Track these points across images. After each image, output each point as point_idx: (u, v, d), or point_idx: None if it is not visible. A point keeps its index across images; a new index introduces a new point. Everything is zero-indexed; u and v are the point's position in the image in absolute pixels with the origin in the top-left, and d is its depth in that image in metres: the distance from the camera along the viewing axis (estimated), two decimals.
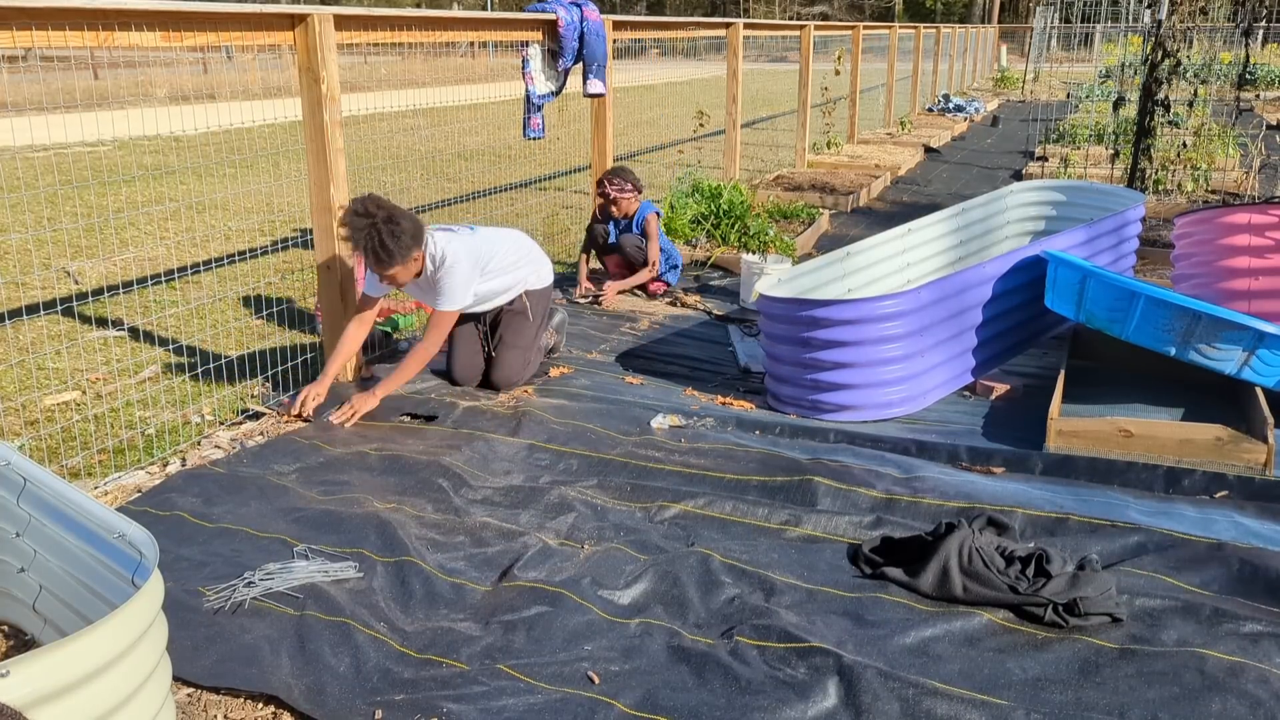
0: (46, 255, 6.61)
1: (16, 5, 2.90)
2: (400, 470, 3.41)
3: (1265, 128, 14.16)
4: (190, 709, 2.26)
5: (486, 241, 4.09)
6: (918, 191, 9.83)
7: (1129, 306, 3.72)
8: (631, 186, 5.63)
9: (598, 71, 5.97)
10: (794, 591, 2.67)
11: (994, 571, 2.62)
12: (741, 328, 5.26)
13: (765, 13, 62.58)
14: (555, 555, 2.85)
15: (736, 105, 8.55)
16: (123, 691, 1.71)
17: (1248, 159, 10.05)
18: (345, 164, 4.05)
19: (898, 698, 2.21)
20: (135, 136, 12.34)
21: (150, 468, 3.49)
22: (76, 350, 4.75)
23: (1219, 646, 2.38)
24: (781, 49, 15.12)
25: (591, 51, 5.88)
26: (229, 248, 6.93)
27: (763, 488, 3.27)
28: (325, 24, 3.83)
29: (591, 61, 5.92)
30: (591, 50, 5.87)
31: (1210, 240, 4.73)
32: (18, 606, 2.34)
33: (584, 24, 5.80)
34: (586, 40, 5.82)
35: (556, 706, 2.22)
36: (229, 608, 2.57)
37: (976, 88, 25.26)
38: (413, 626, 2.54)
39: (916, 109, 17.22)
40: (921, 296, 3.91)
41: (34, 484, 2.19)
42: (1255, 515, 3.07)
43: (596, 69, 5.96)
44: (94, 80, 20.68)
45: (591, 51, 5.88)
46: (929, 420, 3.93)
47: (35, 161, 10.36)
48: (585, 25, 5.80)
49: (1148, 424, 3.57)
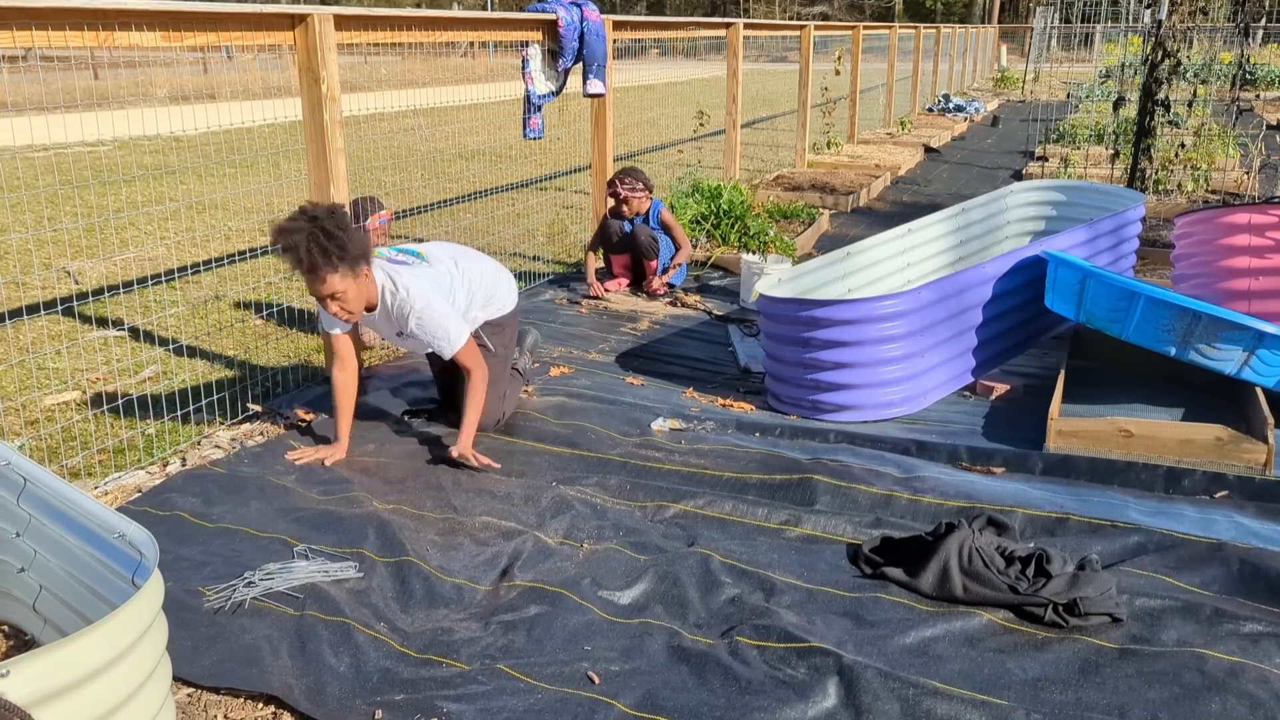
0: (47, 255, 6.62)
1: (17, 5, 2.90)
2: (400, 470, 3.41)
3: (1265, 128, 14.16)
4: (190, 709, 2.26)
5: (447, 278, 3.54)
6: (918, 191, 9.83)
7: (1129, 306, 3.72)
8: (643, 186, 5.81)
9: (598, 72, 5.98)
10: (794, 591, 2.67)
11: (994, 571, 2.62)
12: (741, 328, 5.26)
13: (765, 13, 62.58)
14: (555, 555, 2.85)
15: (736, 105, 8.55)
16: (123, 691, 1.71)
17: (1248, 159, 10.05)
18: (345, 164, 4.05)
19: (898, 698, 2.21)
20: (135, 136, 12.35)
21: (150, 468, 3.49)
22: (77, 350, 4.75)
23: (1219, 646, 2.38)
24: (781, 49, 15.12)
25: (591, 52, 5.88)
26: (229, 248, 6.93)
27: (763, 487, 3.27)
28: (325, 24, 3.83)
29: (591, 62, 5.92)
30: (591, 50, 5.87)
31: (1210, 240, 4.73)
32: (18, 606, 2.34)
33: (584, 24, 5.80)
34: (586, 40, 5.82)
35: (556, 706, 2.22)
36: (229, 608, 2.57)
37: (977, 88, 25.26)
38: (413, 626, 2.54)
39: (916, 109, 17.22)
40: (921, 296, 3.91)
41: (34, 484, 2.19)
42: (1255, 515, 3.07)
43: (596, 69, 5.96)
44: (94, 80, 20.69)
45: (591, 52, 5.88)
46: (929, 420, 3.93)
47: (35, 161, 10.36)
48: (585, 25, 5.80)
49: (1148, 424, 3.57)
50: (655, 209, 5.89)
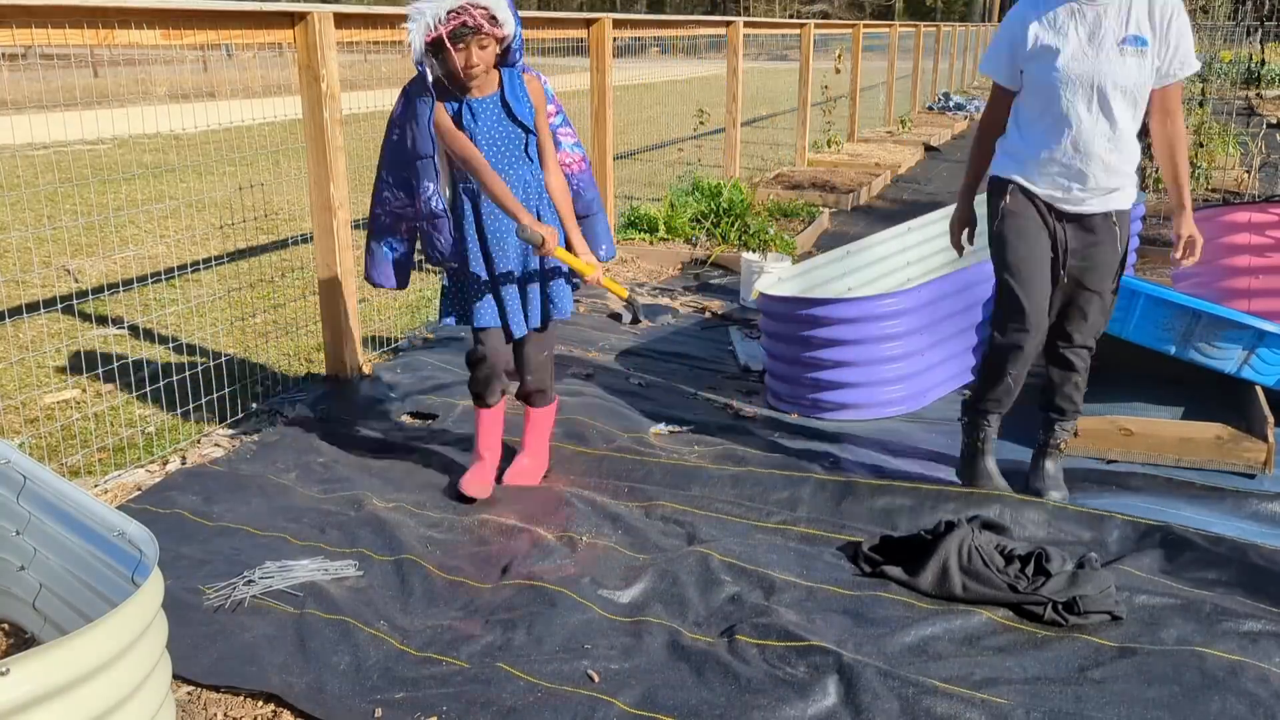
0: (46, 253, 6.61)
1: (17, 3, 2.90)
2: (400, 469, 3.41)
3: (1265, 126, 14.15)
4: (190, 707, 2.26)
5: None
6: (918, 190, 9.83)
7: (1129, 305, 3.72)
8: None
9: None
10: (793, 590, 2.67)
11: (993, 570, 2.62)
12: (741, 327, 5.26)
13: (765, 11, 62.57)
14: (555, 553, 2.85)
15: (737, 103, 8.55)
16: (123, 690, 1.71)
17: (1248, 158, 10.04)
18: (345, 162, 4.05)
19: (897, 696, 2.21)
20: (135, 134, 12.34)
21: (150, 466, 3.49)
22: (76, 348, 4.75)
23: (1218, 645, 2.38)
24: (782, 47, 15.12)
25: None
26: (229, 246, 6.93)
27: (762, 486, 3.27)
28: (325, 22, 3.83)
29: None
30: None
31: (1210, 239, 4.72)
32: (18, 604, 2.34)
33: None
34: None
35: (556, 705, 2.22)
36: (229, 606, 2.57)
37: (977, 86, 25.23)
38: (412, 625, 2.54)
39: (917, 107, 17.21)
40: (921, 295, 3.91)
41: (34, 482, 2.19)
42: (1255, 514, 3.07)
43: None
44: (94, 78, 20.68)
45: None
46: (929, 419, 3.93)
47: (35, 159, 10.36)
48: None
49: (1148, 423, 3.57)
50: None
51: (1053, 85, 2.88)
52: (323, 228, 4.06)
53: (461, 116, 2.90)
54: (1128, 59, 2.82)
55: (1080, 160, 2.91)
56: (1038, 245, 3.00)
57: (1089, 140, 2.88)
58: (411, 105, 2.91)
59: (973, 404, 3.23)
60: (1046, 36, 2.89)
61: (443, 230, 2.99)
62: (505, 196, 2.90)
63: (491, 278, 3.04)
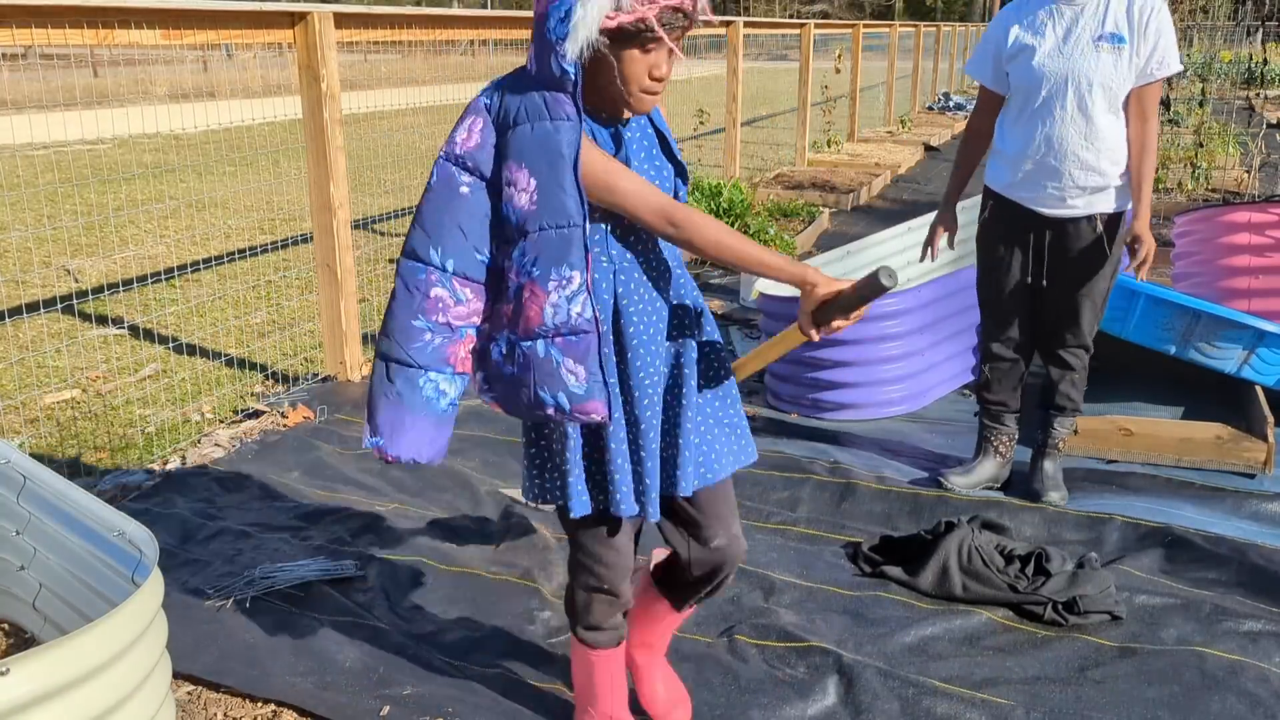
0: (46, 253, 6.61)
1: (17, 3, 2.90)
2: (401, 468, 3.41)
3: (1265, 126, 14.15)
4: (191, 707, 2.26)
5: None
6: (918, 190, 9.83)
7: (1129, 305, 3.72)
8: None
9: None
10: (793, 590, 2.67)
11: (993, 570, 2.62)
12: (741, 326, 5.26)
13: (765, 11, 62.57)
14: (555, 552, 2.85)
15: (736, 103, 8.55)
16: (123, 689, 1.71)
17: (1248, 158, 10.04)
18: (345, 162, 4.05)
19: (897, 696, 2.21)
20: (135, 134, 12.34)
21: (150, 466, 3.49)
22: (76, 348, 4.75)
23: (1218, 645, 2.38)
24: (782, 47, 15.13)
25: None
26: (229, 246, 6.93)
27: (762, 486, 3.27)
28: (325, 22, 3.83)
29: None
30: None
31: (1210, 239, 4.72)
32: (18, 604, 2.34)
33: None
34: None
35: (559, 704, 2.22)
36: (230, 605, 2.57)
37: (977, 86, 25.28)
38: (414, 623, 2.54)
39: (917, 107, 17.21)
40: (922, 295, 3.91)
41: (34, 482, 2.19)
42: (1255, 514, 3.07)
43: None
44: (94, 78, 20.68)
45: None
46: (929, 419, 3.93)
47: (35, 159, 10.36)
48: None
49: (1148, 423, 3.57)
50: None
51: (1029, 83, 2.93)
52: (323, 228, 4.06)
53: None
54: (1103, 55, 2.84)
55: (1054, 158, 2.92)
56: (1007, 257, 3.12)
57: (1063, 137, 2.90)
58: (521, 134, 1.68)
59: (978, 404, 3.35)
60: (1025, 37, 2.95)
61: (587, 353, 1.68)
62: (767, 257, 1.79)
63: (632, 427, 1.82)
